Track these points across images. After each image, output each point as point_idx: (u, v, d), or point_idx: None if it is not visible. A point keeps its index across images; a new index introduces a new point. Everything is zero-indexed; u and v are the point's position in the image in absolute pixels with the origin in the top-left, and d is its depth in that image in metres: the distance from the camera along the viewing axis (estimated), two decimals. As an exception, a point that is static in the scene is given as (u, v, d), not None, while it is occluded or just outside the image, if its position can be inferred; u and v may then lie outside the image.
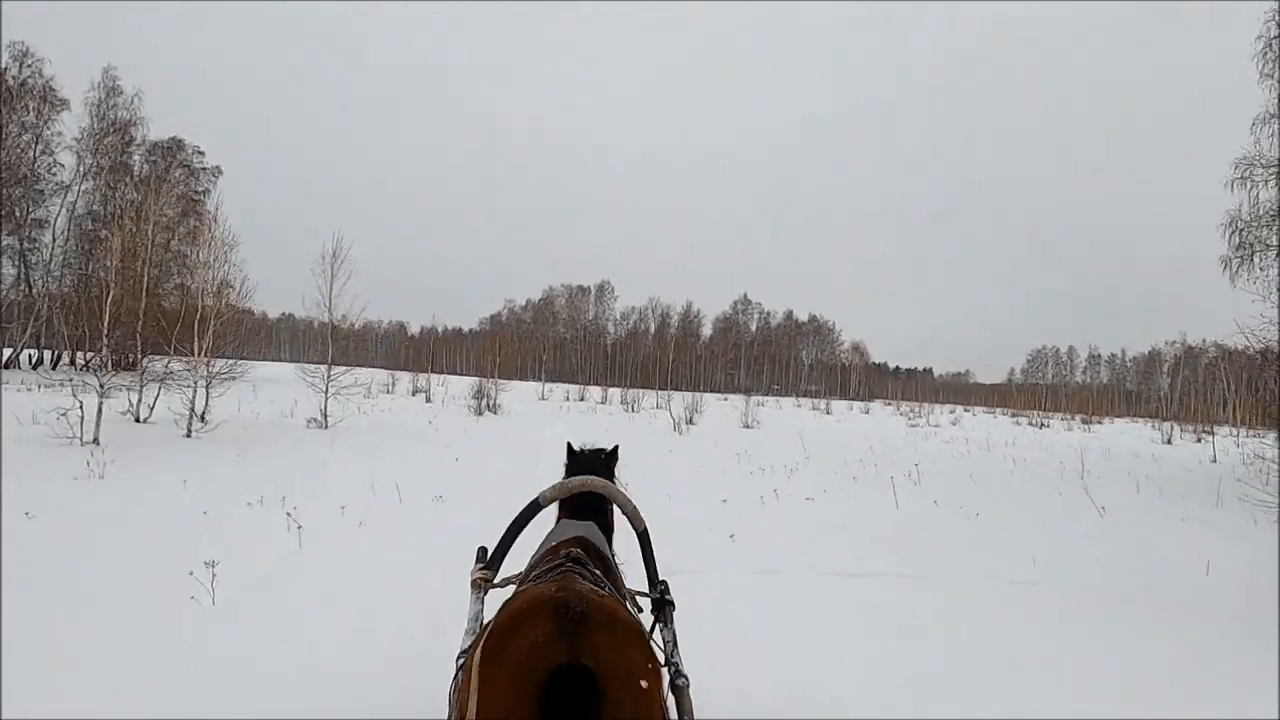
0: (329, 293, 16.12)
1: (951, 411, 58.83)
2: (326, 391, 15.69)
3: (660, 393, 40.04)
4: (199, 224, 48.42)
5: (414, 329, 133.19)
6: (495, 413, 23.88)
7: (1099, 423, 54.30)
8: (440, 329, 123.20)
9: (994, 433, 33.29)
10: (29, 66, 35.85)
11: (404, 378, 35.98)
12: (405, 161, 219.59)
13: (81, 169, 39.54)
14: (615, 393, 41.76)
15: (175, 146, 44.37)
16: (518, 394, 40.92)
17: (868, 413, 52.81)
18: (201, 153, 45.72)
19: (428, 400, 28.24)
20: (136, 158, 43.33)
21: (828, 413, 45.48)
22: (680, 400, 24.85)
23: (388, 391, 32.99)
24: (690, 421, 23.75)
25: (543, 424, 20.96)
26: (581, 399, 39.61)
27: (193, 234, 47.24)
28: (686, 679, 1.89)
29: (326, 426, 15.15)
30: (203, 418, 14.82)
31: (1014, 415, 61.57)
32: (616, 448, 2.87)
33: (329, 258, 16.13)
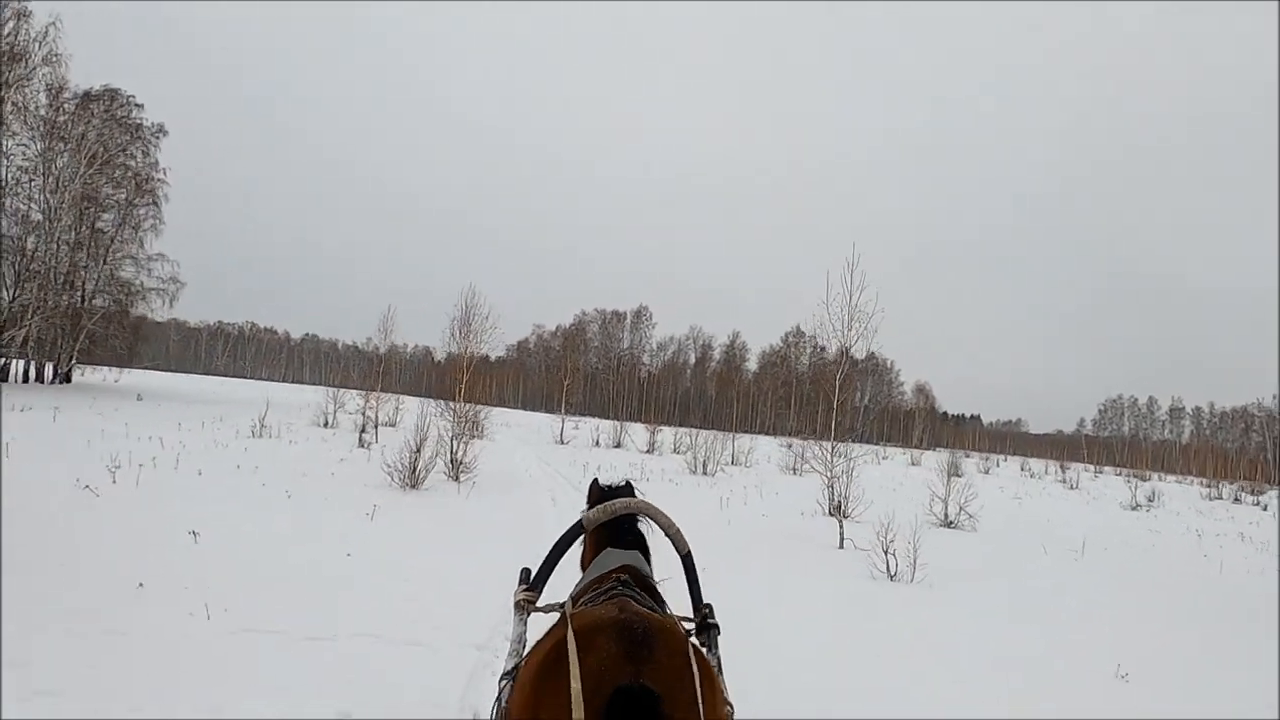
0: None
1: (1126, 477, 44.33)
2: None
3: (736, 436, 27.22)
4: (154, 205, 37.98)
5: (439, 355, 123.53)
6: (458, 479, 12.08)
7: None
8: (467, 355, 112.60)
9: (1252, 520, 20.50)
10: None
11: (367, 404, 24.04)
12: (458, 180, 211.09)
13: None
14: (666, 435, 29.24)
15: (107, 96, 34.12)
16: (525, 433, 29.18)
17: (988, 473, 40.05)
18: (139, 105, 35.24)
19: (361, 444, 16.51)
20: (70, 113, 33.11)
21: (958, 474, 32.77)
22: (773, 451, 12.79)
23: (324, 424, 21.41)
24: (840, 509, 11.67)
25: (541, 517, 9.18)
26: (617, 445, 27.30)
27: (133, 218, 36.18)
28: (732, 706, 1.71)
29: None
30: None
31: (1196, 483, 47.72)
32: (629, 482, 2.74)
33: None
